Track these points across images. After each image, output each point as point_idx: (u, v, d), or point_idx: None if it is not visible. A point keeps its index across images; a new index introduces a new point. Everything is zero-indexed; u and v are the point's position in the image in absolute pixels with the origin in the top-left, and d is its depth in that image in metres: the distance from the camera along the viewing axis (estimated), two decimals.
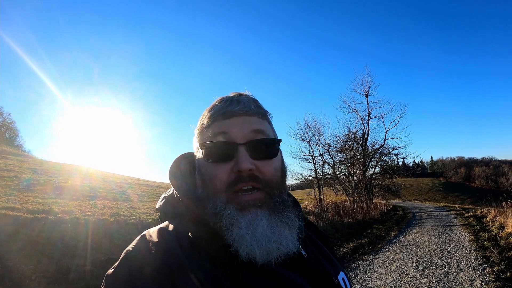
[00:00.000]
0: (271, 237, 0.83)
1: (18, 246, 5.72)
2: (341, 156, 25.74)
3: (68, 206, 8.39)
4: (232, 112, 0.93)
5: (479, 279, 6.53)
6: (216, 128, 0.92)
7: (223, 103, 0.96)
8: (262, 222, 0.84)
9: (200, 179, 0.93)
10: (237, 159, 0.87)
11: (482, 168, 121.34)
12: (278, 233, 0.85)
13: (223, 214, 0.83)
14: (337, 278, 0.98)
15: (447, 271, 7.15)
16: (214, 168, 0.88)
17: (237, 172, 0.86)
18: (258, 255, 0.80)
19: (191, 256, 0.78)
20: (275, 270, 0.83)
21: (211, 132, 0.92)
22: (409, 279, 6.72)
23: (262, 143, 0.92)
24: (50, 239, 6.28)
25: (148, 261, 0.76)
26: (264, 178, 0.89)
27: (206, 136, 0.94)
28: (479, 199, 25.39)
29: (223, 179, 0.87)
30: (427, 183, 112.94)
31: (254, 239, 0.81)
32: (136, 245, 0.83)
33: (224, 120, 0.92)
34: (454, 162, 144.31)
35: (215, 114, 0.94)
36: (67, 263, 5.64)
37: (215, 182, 0.87)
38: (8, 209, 7.00)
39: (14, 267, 5.15)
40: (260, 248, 0.81)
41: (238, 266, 0.79)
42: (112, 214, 8.58)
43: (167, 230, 0.87)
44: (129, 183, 17.72)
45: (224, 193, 0.86)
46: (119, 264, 0.78)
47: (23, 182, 10.44)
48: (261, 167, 0.89)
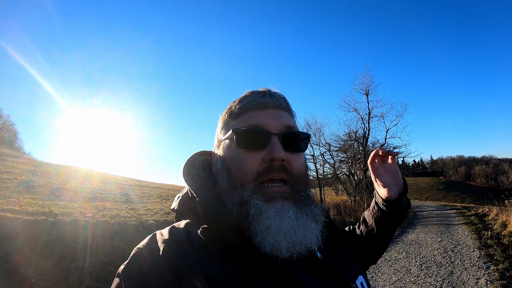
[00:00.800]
0: (296, 229, 0.83)
1: (18, 248, 5.67)
2: (341, 155, 25.74)
3: (68, 208, 8.34)
4: (266, 104, 0.93)
5: (483, 277, 6.49)
6: (249, 118, 0.92)
7: (256, 95, 0.96)
8: (289, 213, 0.84)
9: (225, 170, 0.91)
10: (271, 148, 0.87)
11: (482, 167, 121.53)
12: (303, 226, 0.85)
13: (251, 203, 0.82)
14: (355, 282, 0.94)
15: (452, 270, 7.11)
16: (245, 156, 0.88)
17: (269, 161, 0.86)
18: (284, 246, 0.80)
19: (200, 255, 0.76)
20: (288, 269, 0.80)
21: (244, 121, 0.92)
22: (414, 279, 6.68)
23: (294, 136, 0.93)
24: (50, 241, 6.23)
25: (156, 260, 0.74)
26: (293, 172, 0.89)
27: (236, 125, 0.92)
28: (479, 197, 25.40)
29: (253, 168, 0.86)
30: (427, 182, 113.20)
31: (281, 230, 0.80)
32: (146, 244, 0.80)
33: (258, 111, 0.93)
34: (454, 161, 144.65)
35: (248, 104, 0.94)
36: (67, 265, 5.60)
37: (245, 171, 0.87)
38: (7, 211, 6.94)
39: (14, 270, 5.12)
40: (286, 239, 0.81)
41: (250, 265, 0.77)
42: (113, 215, 8.53)
43: (178, 229, 0.85)
44: (129, 184, 17.68)
45: (252, 183, 0.85)
46: (129, 261, 0.76)
47: (22, 184, 10.39)
48: (290, 160, 0.90)
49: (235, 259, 0.77)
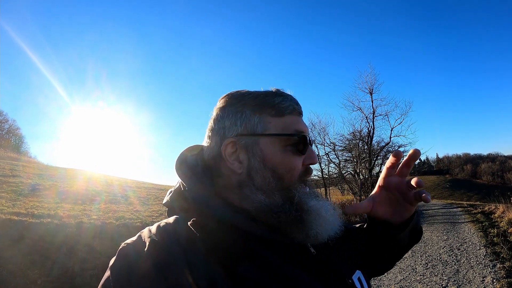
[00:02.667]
0: (336, 216, 0.91)
1: (24, 250, 5.71)
2: (346, 155, 25.56)
3: (73, 210, 8.38)
4: (299, 111, 0.98)
5: (490, 275, 6.45)
6: (293, 122, 0.94)
7: (291, 99, 0.97)
8: (329, 205, 0.91)
9: (268, 169, 0.89)
10: (310, 154, 0.94)
11: (488, 164, 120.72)
12: (335, 215, 0.91)
13: (309, 202, 0.86)
14: (351, 277, 0.93)
15: (457, 268, 7.07)
16: (294, 159, 0.90)
17: (307, 165, 0.94)
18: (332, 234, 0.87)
19: (187, 251, 0.75)
20: (281, 266, 0.80)
21: (289, 124, 0.93)
22: (419, 277, 6.65)
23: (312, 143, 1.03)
24: (55, 243, 6.26)
25: (140, 256, 0.74)
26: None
27: (280, 124, 0.92)
28: (486, 195, 25.18)
29: (298, 170, 0.91)
30: (433, 180, 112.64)
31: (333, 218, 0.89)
32: (133, 239, 0.80)
33: (297, 117, 0.97)
34: (460, 158, 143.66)
35: (290, 107, 0.95)
36: (72, 267, 5.62)
37: (294, 173, 0.90)
38: (13, 214, 6.98)
39: (20, 271, 5.14)
40: (332, 228, 0.88)
41: (241, 261, 0.76)
42: (117, 217, 8.56)
43: (167, 225, 0.84)
44: (134, 186, 17.72)
45: (297, 182, 0.90)
46: (116, 257, 0.77)
47: (28, 187, 10.45)
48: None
49: (226, 254, 0.77)
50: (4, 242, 5.81)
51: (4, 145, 36.47)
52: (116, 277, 0.72)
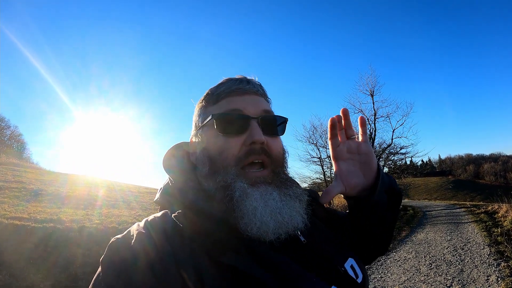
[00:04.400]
0: (282, 209, 0.85)
1: (27, 255, 5.71)
2: None
3: (76, 215, 8.38)
4: (244, 90, 0.96)
5: (494, 274, 6.43)
6: (228, 103, 0.94)
7: (233, 81, 0.97)
8: (273, 195, 0.86)
9: (205, 155, 0.93)
10: (251, 131, 0.89)
11: (491, 164, 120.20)
12: (288, 206, 0.86)
13: (235, 186, 0.84)
14: (344, 265, 0.93)
15: (462, 267, 7.04)
16: (226, 141, 0.90)
17: (250, 145, 0.89)
18: (272, 227, 0.81)
19: (174, 243, 0.76)
20: (269, 255, 0.80)
21: (223, 107, 0.94)
22: (423, 278, 6.63)
23: (273, 120, 0.96)
24: (58, 247, 6.27)
25: (128, 250, 0.75)
26: (272, 154, 0.92)
27: (214, 110, 0.94)
28: (489, 195, 25.12)
29: (234, 152, 0.89)
30: (436, 181, 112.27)
31: (267, 211, 0.82)
32: (123, 234, 0.81)
33: (236, 96, 0.95)
34: (462, 159, 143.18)
35: (227, 90, 0.95)
36: (75, 271, 5.62)
37: (227, 155, 0.89)
38: (16, 219, 6.99)
39: (23, 276, 5.15)
40: (273, 219, 0.82)
41: (228, 250, 0.77)
42: (120, 222, 8.56)
43: (155, 219, 0.85)
44: (136, 191, 17.71)
45: (234, 167, 0.87)
46: (106, 251, 0.77)
47: (31, 193, 10.47)
48: (270, 143, 0.92)
49: (212, 244, 0.77)
50: (7, 247, 5.83)
51: (6, 151, 36.56)
52: (105, 271, 0.73)
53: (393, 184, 1.13)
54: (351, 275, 0.91)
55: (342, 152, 1.07)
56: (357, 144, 1.07)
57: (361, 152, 1.07)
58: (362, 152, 1.07)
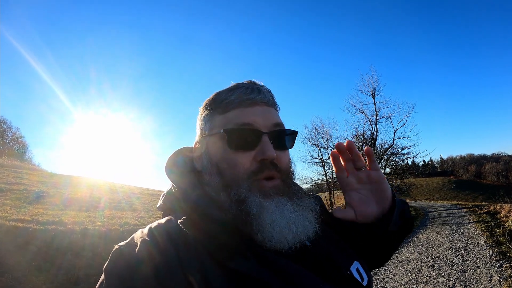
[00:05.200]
0: (296, 219, 0.85)
1: (28, 257, 5.71)
2: None
3: (78, 217, 8.39)
4: (254, 101, 0.92)
5: (497, 275, 6.40)
6: (239, 115, 0.90)
7: (244, 90, 0.94)
8: (287, 206, 0.85)
9: (213, 167, 0.91)
10: (262, 147, 0.87)
11: (493, 164, 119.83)
12: (302, 216, 0.87)
13: (251, 202, 0.82)
14: (349, 269, 0.92)
15: (464, 268, 7.02)
16: (235, 155, 0.87)
17: (260, 160, 0.86)
18: (290, 238, 0.81)
19: (179, 249, 0.75)
20: (275, 260, 0.79)
21: (233, 118, 0.90)
22: (426, 279, 6.61)
23: (283, 134, 0.94)
24: (60, 249, 6.27)
25: (132, 258, 0.74)
26: (282, 168, 0.91)
27: (223, 121, 0.91)
28: (491, 195, 25.04)
29: (245, 167, 0.86)
30: (437, 182, 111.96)
31: (284, 223, 0.82)
32: (126, 242, 0.80)
33: (247, 108, 0.91)
34: (464, 159, 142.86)
35: (237, 99, 0.92)
36: (77, 273, 5.63)
37: (238, 170, 0.87)
38: (18, 221, 7.00)
39: (25, 277, 5.15)
40: (291, 231, 0.82)
41: (235, 255, 0.75)
42: (122, 224, 8.56)
43: (159, 225, 0.84)
44: (138, 193, 17.72)
45: (246, 180, 0.85)
46: (109, 259, 0.76)
47: (33, 195, 10.48)
48: (280, 157, 0.91)
49: (219, 249, 0.76)
50: (9, 249, 5.83)
51: (8, 153, 36.62)
52: (109, 279, 0.72)
53: (406, 210, 1.07)
54: (356, 278, 0.90)
55: (351, 183, 1.04)
56: (367, 173, 1.02)
57: (372, 181, 1.02)
58: (374, 181, 1.02)
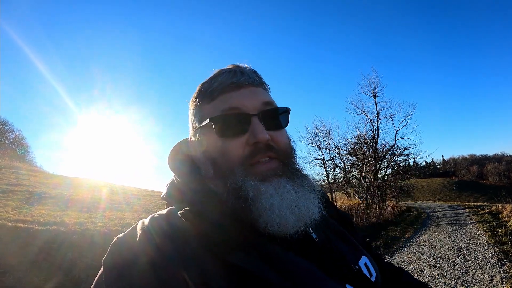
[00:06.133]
0: (299, 201, 0.80)
1: (30, 257, 5.71)
2: (352, 159, 25.56)
3: (79, 218, 8.38)
4: (238, 83, 0.89)
5: (499, 274, 6.38)
6: (224, 101, 0.87)
7: (226, 75, 0.91)
8: (287, 188, 0.81)
9: (207, 159, 0.88)
10: (252, 130, 0.84)
11: (495, 165, 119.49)
12: (304, 197, 0.82)
13: (247, 186, 0.79)
14: (358, 263, 0.90)
15: (466, 268, 6.99)
16: (226, 143, 0.84)
17: (253, 144, 0.83)
18: (291, 221, 0.77)
19: (179, 242, 0.73)
20: (279, 253, 0.76)
21: (219, 105, 0.87)
22: (428, 279, 6.58)
23: (274, 113, 0.90)
24: (62, 250, 6.26)
25: (131, 249, 0.73)
26: (279, 148, 0.87)
27: (210, 110, 0.89)
28: (493, 196, 24.97)
29: (238, 153, 0.83)
30: (439, 182, 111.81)
31: (284, 205, 0.78)
32: (126, 233, 0.79)
33: (232, 92, 0.88)
34: (465, 160, 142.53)
35: (221, 86, 0.89)
36: (79, 274, 5.61)
37: (229, 158, 0.83)
38: (19, 222, 6.99)
39: (26, 278, 5.14)
40: (292, 213, 0.78)
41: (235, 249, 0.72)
42: (123, 224, 8.54)
43: (160, 217, 0.82)
44: (139, 194, 17.69)
45: (240, 166, 0.82)
46: (109, 251, 0.75)
47: (34, 196, 10.48)
48: (275, 137, 0.87)
49: (219, 243, 0.73)
50: (10, 249, 5.83)
51: (9, 154, 36.66)
52: (107, 272, 0.71)
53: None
54: (365, 273, 0.88)
55: None
56: None
57: None
58: None
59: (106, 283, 0.69)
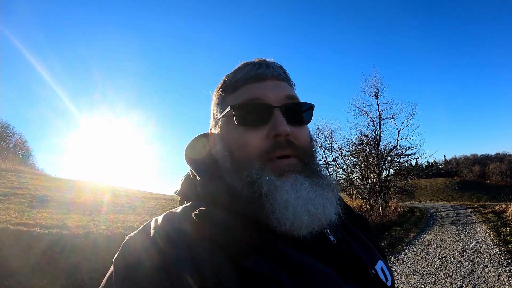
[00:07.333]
0: (315, 200, 0.76)
1: (32, 260, 5.70)
2: (354, 160, 25.52)
3: (81, 221, 8.37)
4: (263, 75, 0.86)
5: (505, 273, 6.36)
6: (247, 91, 0.84)
7: (251, 66, 0.88)
8: (304, 185, 0.76)
9: (226, 150, 0.84)
10: (273, 123, 0.80)
11: (497, 164, 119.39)
12: (321, 196, 0.78)
13: (262, 181, 0.75)
14: (374, 268, 0.87)
15: (472, 268, 6.96)
16: (245, 134, 0.81)
17: (273, 137, 0.79)
18: (305, 220, 0.72)
19: (192, 243, 0.68)
20: (294, 255, 0.72)
21: (242, 95, 0.84)
22: (433, 279, 6.55)
23: (298, 108, 0.87)
24: (64, 253, 6.25)
25: (144, 249, 0.69)
26: (299, 145, 0.82)
27: (233, 100, 0.86)
28: (496, 195, 24.90)
29: (256, 145, 0.80)
30: (441, 183, 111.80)
31: (300, 203, 0.73)
32: (138, 232, 0.75)
33: (256, 83, 0.85)
34: (467, 160, 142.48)
35: (245, 76, 0.86)
36: (82, 277, 5.60)
37: (247, 150, 0.80)
38: (21, 225, 6.98)
39: (28, 281, 5.14)
40: (307, 212, 0.73)
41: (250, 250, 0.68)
42: (126, 227, 8.53)
43: (174, 214, 0.78)
44: (141, 197, 17.72)
45: (258, 160, 0.78)
46: (120, 250, 0.72)
47: (36, 199, 10.48)
48: (296, 133, 0.83)
49: (234, 246, 0.68)
50: (13, 252, 5.82)
51: (11, 158, 36.78)
52: (118, 273, 0.67)
53: None
54: (381, 278, 0.85)
55: None
56: None
57: None
58: None
59: (116, 283, 0.66)
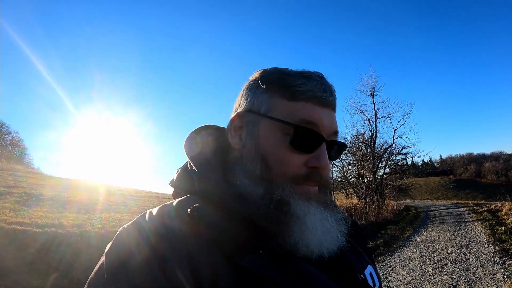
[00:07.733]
0: (332, 230, 0.78)
1: (27, 259, 5.68)
2: (350, 158, 25.56)
3: (77, 220, 8.34)
4: (326, 102, 0.83)
5: (500, 272, 6.39)
6: (308, 111, 0.80)
7: (317, 84, 0.83)
8: (325, 215, 0.79)
9: (258, 155, 0.81)
10: (319, 154, 0.80)
11: (492, 163, 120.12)
12: (337, 228, 0.80)
13: (294, 203, 0.75)
14: (364, 273, 0.88)
15: (467, 266, 7.00)
16: (292, 154, 0.79)
17: (312, 167, 0.79)
18: (322, 247, 0.75)
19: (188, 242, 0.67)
20: (289, 260, 0.72)
21: (300, 113, 0.80)
22: (429, 277, 6.57)
23: (341, 148, 0.89)
24: (60, 252, 6.23)
25: (137, 242, 0.68)
26: (324, 177, 0.82)
27: (289, 111, 0.81)
28: (491, 194, 25.02)
29: (295, 170, 0.79)
30: (437, 181, 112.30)
31: (322, 231, 0.76)
32: (132, 224, 0.73)
33: (318, 107, 0.82)
34: (463, 158, 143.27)
35: (310, 93, 0.81)
36: (77, 276, 5.58)
37: (286, 169, 0.78)
38: (17, 224, 6.96)
39: (24, 281, 5.12)
40: (326, 240, 0.76)
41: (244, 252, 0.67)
42: (121, 226, 8.44)
43: (169, 210, 0.75)
44: (137, 195, 17.69)
45: (292, 183, 0.77)
46: (113, 242, 0.71)
47: (32, 198, 10.44)
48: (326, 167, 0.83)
49: (231, 245, 0.68)
50: (8, 252, 5.80)
51: (7, 156, 36.59)
52: (110, 264, 0.66)
53: None
54: (369, 284, 0.86)
55: None
56: None
57: None
58: None
59: (107, 273, 0.64)
